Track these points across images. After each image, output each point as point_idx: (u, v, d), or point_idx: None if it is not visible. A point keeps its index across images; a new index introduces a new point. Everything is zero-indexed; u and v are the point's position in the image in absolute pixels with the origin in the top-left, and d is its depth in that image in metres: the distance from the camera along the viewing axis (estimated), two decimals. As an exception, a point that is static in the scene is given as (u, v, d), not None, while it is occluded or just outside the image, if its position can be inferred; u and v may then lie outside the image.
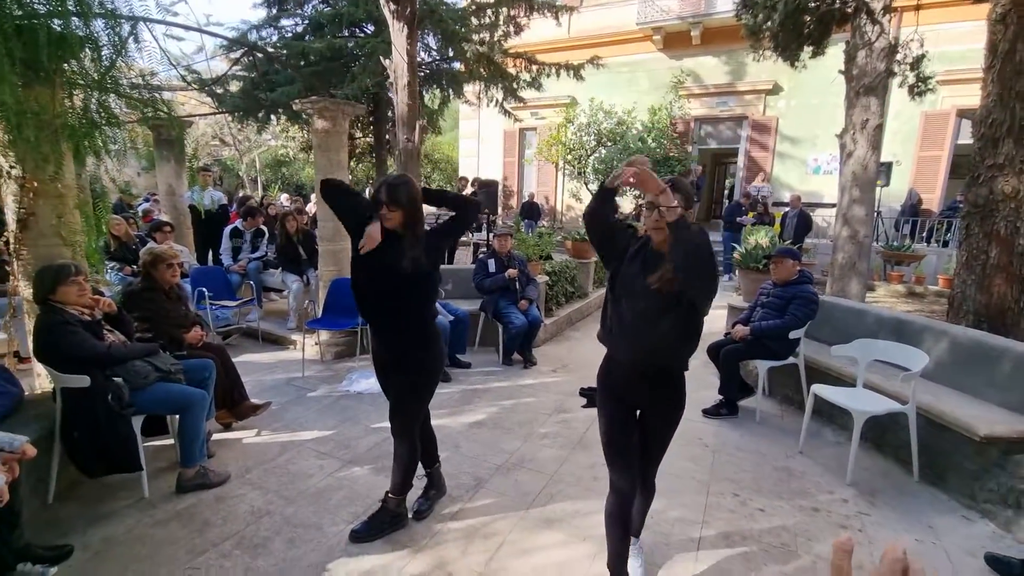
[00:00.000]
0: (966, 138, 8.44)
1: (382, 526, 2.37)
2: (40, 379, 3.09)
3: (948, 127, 10.23)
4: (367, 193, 9.04)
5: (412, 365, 2.30)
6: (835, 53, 6.03)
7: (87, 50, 2.85)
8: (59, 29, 2.58)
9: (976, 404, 2.92)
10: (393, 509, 2.41)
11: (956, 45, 9.54)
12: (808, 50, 6.34)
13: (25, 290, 2.93)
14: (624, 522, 1.98)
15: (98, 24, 2.91)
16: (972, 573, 2.25)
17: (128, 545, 2.28)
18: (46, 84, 2.71)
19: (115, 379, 2.54)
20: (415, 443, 2.40)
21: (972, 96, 4.00)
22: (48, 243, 2.91)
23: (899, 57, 5.67)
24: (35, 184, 2.84)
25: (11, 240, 2.93)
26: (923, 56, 5.85)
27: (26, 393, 2.83)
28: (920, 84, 5.92)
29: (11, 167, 2.80)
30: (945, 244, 9.43)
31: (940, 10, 9.35)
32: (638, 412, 1.98)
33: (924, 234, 9.87)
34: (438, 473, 2.67)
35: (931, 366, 3.14)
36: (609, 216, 1.91)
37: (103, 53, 2.92)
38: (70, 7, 2.69)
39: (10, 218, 2.91)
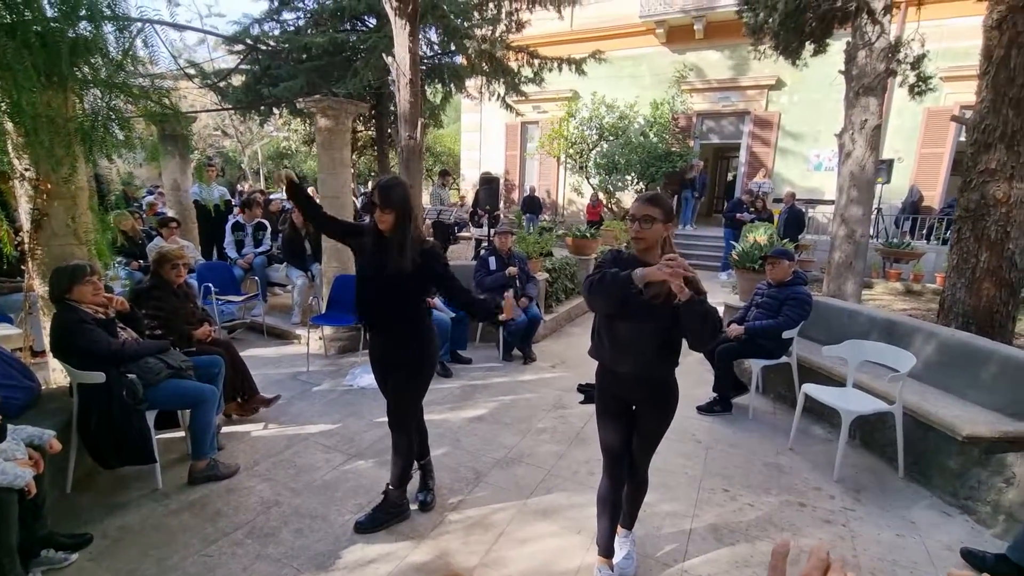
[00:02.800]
0: (967, 136, 8.46)
1: (385, 517, 2.48)
2: (55, 373, 3.20)
3: (951, 124, 10.21)
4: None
5: (407, 361, 2.41)
6: (837, 49, 6.05)
7: (97, 53, 2.92)
8: (71, 34, 2.65)
9: (961, 404, 3.02)
10: (395, 501, 2.52)
11: (960, 41, 9.51)
12: (810, 48, 6.36)
13: (40, 288, 3.03)
14: (615, 506, 2.14)
15: (107, 27, 2.99)
16: (949, 567, 2.35)
17: (144, 533, 2.39)
18: (59, 88, 2.79)
19: (129, 375, 2.64)
20: (412, 435, 2.52)
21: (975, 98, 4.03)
22: (62, 242, 3.01)
23: (900, 56, 5.69)
24: (48, 186, 2.93)
25: (26, 240, 3.03)
26: (924, 55, 5.87)
27: (42, 387, 2.94)
28: (920, 84, 5.94)
29: (25, 169, 2.88)
30: (944, 242, 9.47)
31: (945, 5, 9.31)
32: (634, 407, 2.11)
33: (924, 232, 9.91)
34: (430, 465, 2.76)
35: (919, 366, 3.23)
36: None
37: (112, 55, 3.00)
38: (81, 13, 2.76)
39: (24, 219, 3.00)
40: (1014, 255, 3.68)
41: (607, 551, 2.19)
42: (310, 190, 12.25)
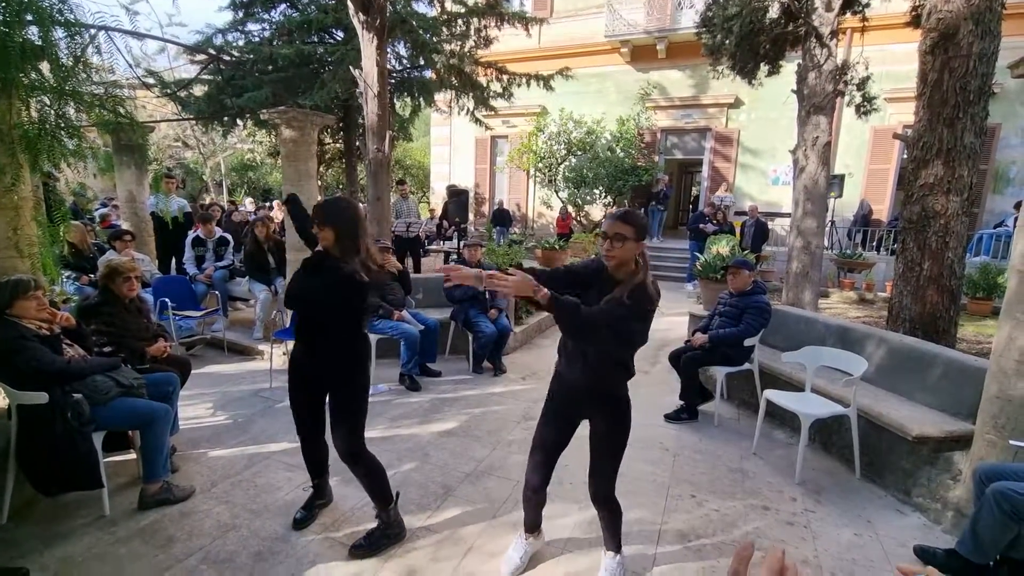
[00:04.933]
0: (910, 153, 8.98)
1: (386, 541, 2.39)
2: (-7, 395, 3.00)
3: (895, 143, 10.84)
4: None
5: (339, 382, 2.30)
6: (790, 70, 6.35)
7: (46, 60, 2.82)
8: (19, 39, 2.55)
9: (910, 406, 3.16)
10: (392, 520, 2.42)
11: (902, 65, 10.13)
12: (764, 68, 6.68)
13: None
14: (537, 504, 2.27)
15: (57, 32, 2.88)
16: (903, 563, 2.44)
17: (88, 564, 2.25)
18: (3, 94, 2.67)
19: (75, 395, 2.50)
20: (368, 457, 2.37)
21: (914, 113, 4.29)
22: (3, 256, 2.85)
23: (847, 77, 6.03)
24: (-11, 195, 2.78)
25: (-37, 253, 2.85)
26: (868, 77, 6.24)
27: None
28: (865, 104, 6.30)
29: (-36, 178, 2.73)
30: (893, 252, 9.98)
31: (886, 32, 9.91)
32: (580, 425, 2.13)
33: (874, 243, 10.43)
34: (326, 483, 2.68)
35: (871, 371, 3.38)
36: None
37: (62, 62, 2.89)
38: (28, 17, 2.66)
39: (-38, 230, 2.83)
40: (954, 264, 3.91)
41: (532, 527, 2.33)
42: (275, 203, 11.98)
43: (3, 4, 2.47)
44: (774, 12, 5.80)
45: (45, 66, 2.89)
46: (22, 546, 2.33)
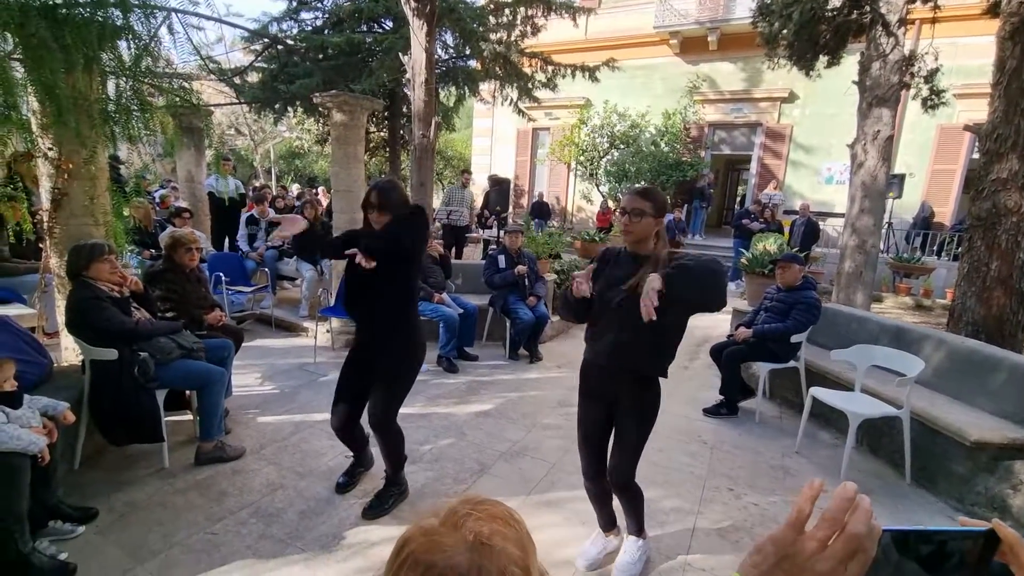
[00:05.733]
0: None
1: (392, 500, 2.50)
2: (67, 352, 3.24)
3: (963, 141, 10.20)
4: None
5: (396, 357, 2.38)
6: (851, 63, 6.07)
7: (124, 39, 2.99)
8: (100, 19, 2.72)
9: (969, 411, 3.00)
10: (396, 480, 2.54)
11: (974, 59, 9.52)
12: (823, 59, 6.39)
13: (57, 267, 3.08)
14: (600, 496, 2.19)
15: (132, 13, 3.06)
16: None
17: (150, 510, 2.41)
18: (86, 71, 2.85)
19: (141, 354, 2.67)
20: (395, 430, 2.46)
21: (987, 111, 4.02)
22: (80, 222, 3.06)
23: (914, 69, 5.71)
24: (70, 165, 2.99)
25: (45, 219, 3.08)
26: (937, 70, 5.89)
27: (54, 365, 2.97)
28: (933, 97, 5.95)
29: (49, 148, 2.94)
30: (955, 258, 9.41)
31: (959, 23, 9.30)
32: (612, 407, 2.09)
33: (935, 248, 9.86)
34: (365, 453, 2.74)
35: (928, 373, 3.21)
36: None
37: (138, 42, 3.07)
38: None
39: (44, 197, 3.06)
40: (1025, 265, 3.66)
41: (606, 526, 2.26)
42: (320, 189, 12.31)
43: (89, -16, 2.63)
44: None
45: (120, 47, 3.08)
46: (92, 489, 2.52)
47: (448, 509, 0.58)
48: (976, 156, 9.36)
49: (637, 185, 1.92)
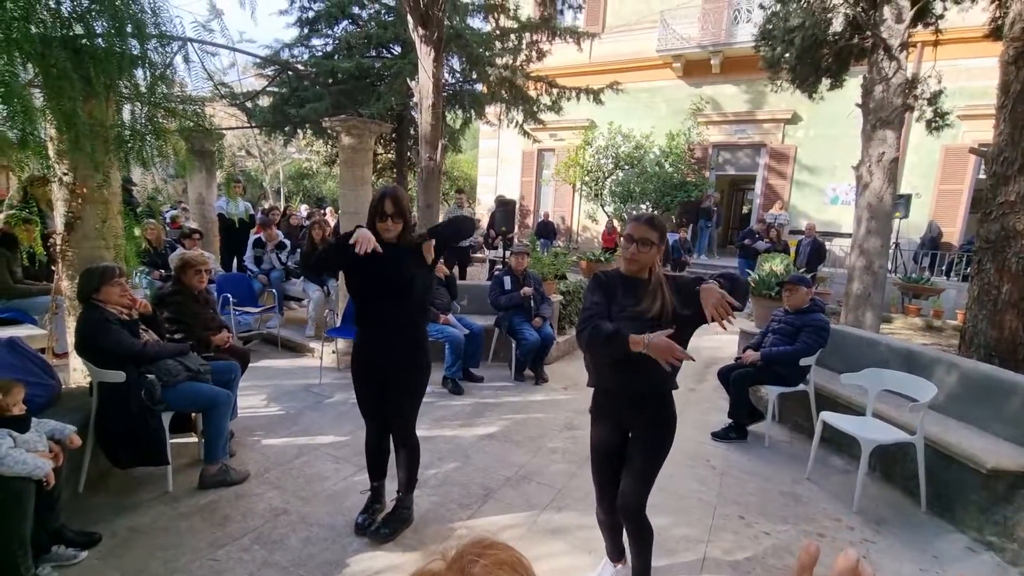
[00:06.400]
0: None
1: (400, 525, 2.48)
2: (75, 374, 3.25)
3: (969, 161, 10.20)
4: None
5: (411, 370, 2.40)
6: (854, 84, 6.13)
7: (141, 68, 3.08)
8: (119, 49, 2.80)
9: (984, 437, 2.93)
10: (406, 505, 2.52)
11: (978, 80, 9.58)
12: (826, 82, 6.47)
13: (69, 289, 3.12)
14: (613, 527, 2.13)
15: (149, 43, 3.15)
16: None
17: (153, 535, 2.39)
18: (102, 98, 2.93)
19: (148, 376, 2.68)
20: (416, 442, 2.51)
21: (992, 132, 4.04)
22: (92, 245, 3.10)
23: (917, 92, 5.75)
24: (84, 190, 3.04)
25: (58, 241, 3.13)
26: (941, 92, 5.93)
27: (62, 387, 2.98)
28: (937, 119, 5.98)
29: (64, 174, 3.00)
30: (965, 279, 9.32)
31: (961, 46, 9.38)
32: (629, 434, 2.04)
33: (943, 268, 9.79)
34: (383, 487, 2.65)
35: (941, 398, 3.16)
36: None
37: (154, 70, 3.16)
38: (128, 30, 2.92)
39: (58, 221, 3.11)
40: (1037, 288, 3.62)
41: (615, 555, 2.20)
42: (328, 210, 12.45)
43: (110, 16, 2.72)
44: (838, 24, 5.63)
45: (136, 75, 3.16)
46: (96, 513, 2.50)
47: (456, 553, 0.57)
48: (983, 176, 9.38)
49: (642, 213, 1.94)
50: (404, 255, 2.28)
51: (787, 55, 6.09)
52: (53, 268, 3.43)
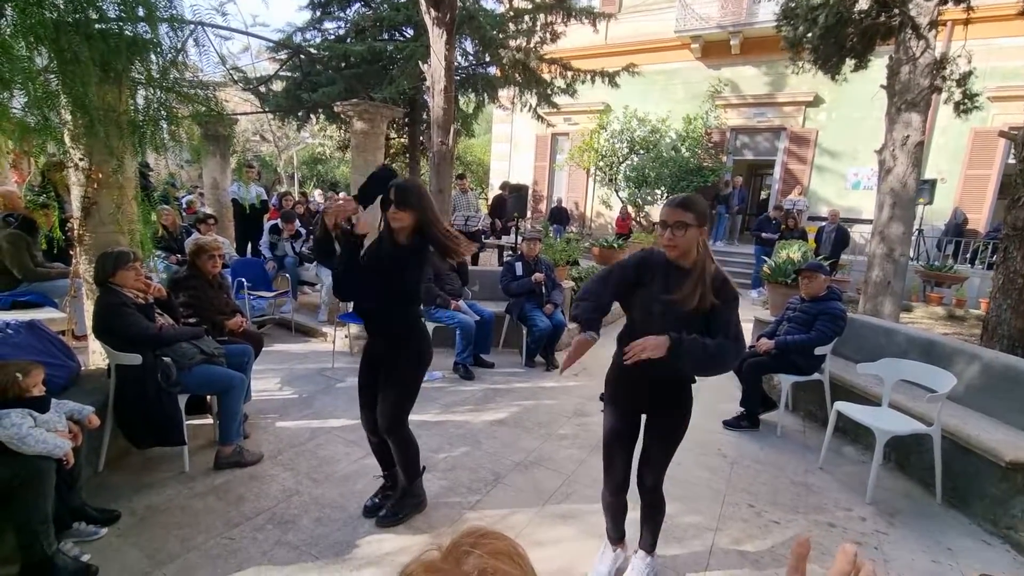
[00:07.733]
0: (1016, 157, 8.12)
1: (407, 510, 2.49)
2: (94, 356, 3.33)
3: (998, 146, 9.84)
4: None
5: (406, 357, 2.36)
6: (879, 65, 5.92)
7: (152, 52, 3.08)
8: (130, 33, 2.80)
9: (1004, 429, 2.87)
10: (413, 491, 2.51)
11: (1010, 61, 9.21)
12: (850, 63, 6.25)
13: (86, 272, 3.17)
14: (619, 510, 2.14)
15: (161, 28, 3.15)
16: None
17: (170, 513, 2.45)
18: (114, 84, 2.94)
19: (164, 359, 2.73)
20: (406, 434, 2.44)
21: None
22: (108, 230, 3.15)
23: (946, 72, 5.53)
24: (99, 175, 3.08)
25: (75, 226, 3.18)
26: (970, 73, 5.69)
27: (82, 368, 3.06)
28: (966, 101, 5.76)
29: (80, 159, 3.03)
30: (990, 267, 9.06)
31: (993, 24, 9.00)
32: (643, 419, 2.04)
33: (968, 255, 9.52)
34: (396, 474, 2.61)
35: (960, 389, 3.09)
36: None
37: (166, 55, 3.15)
38: (139, 13, 2.91)
39: (75, 206, 3.16)
40: (1066, 277, 3.50)
41: (616, 539, 2.21)
42: (342, 195, 12.54)
43: (118, 0, 2.71)
44: (864, 2, 5.41)
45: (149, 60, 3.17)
46: (115, 491, 2.57)
47: (451, 542, 0.57)
48: (1012, 160, 9.01)
49: (674, 196, 1.89)
50: (403, 254, 2.26)
51: (810, 35, 5.89)
52: (71, 252, 3.49)
